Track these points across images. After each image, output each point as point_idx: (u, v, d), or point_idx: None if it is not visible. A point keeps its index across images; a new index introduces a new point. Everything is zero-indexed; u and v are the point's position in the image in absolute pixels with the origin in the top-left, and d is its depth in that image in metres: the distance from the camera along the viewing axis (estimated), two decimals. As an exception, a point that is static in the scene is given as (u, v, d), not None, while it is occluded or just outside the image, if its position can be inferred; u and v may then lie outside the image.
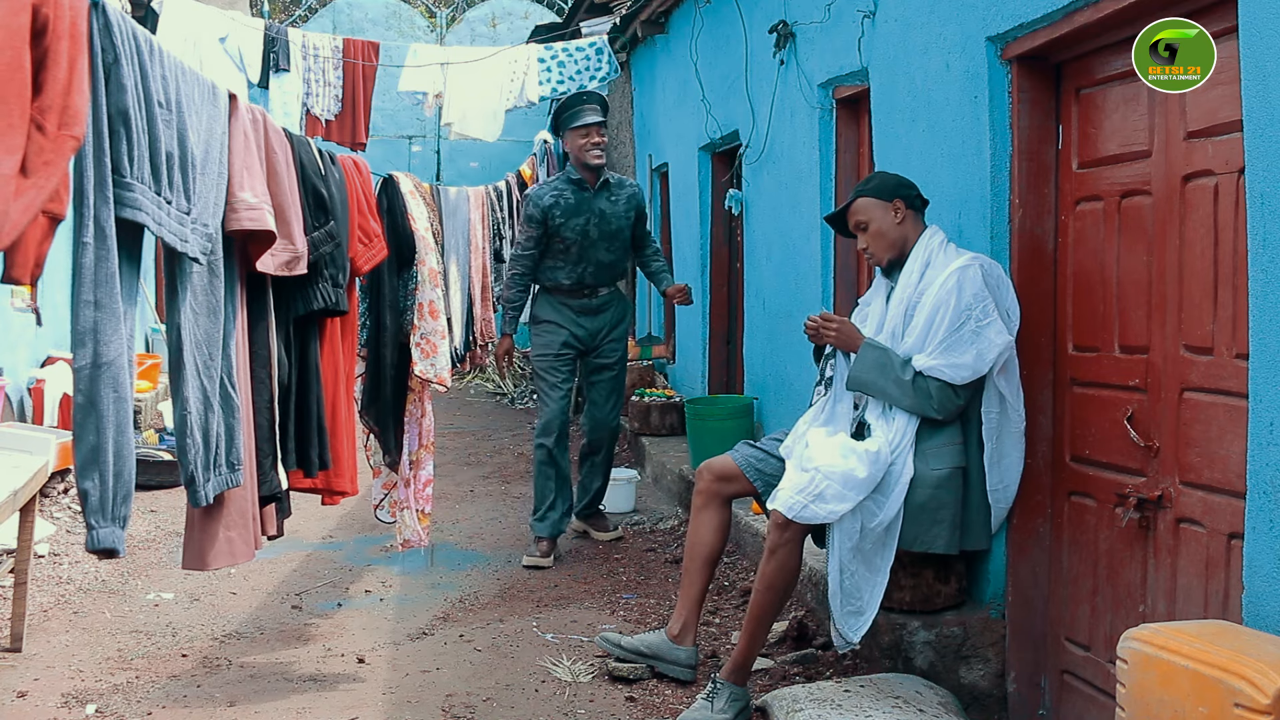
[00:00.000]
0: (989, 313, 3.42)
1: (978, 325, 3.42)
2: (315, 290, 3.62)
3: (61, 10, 2.16)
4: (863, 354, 3.62)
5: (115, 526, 2.50)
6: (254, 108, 3.30)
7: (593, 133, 5.56)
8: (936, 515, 3.49)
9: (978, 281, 3.44)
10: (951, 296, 3.45)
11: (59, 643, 4.34)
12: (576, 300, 5.69)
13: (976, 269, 3.46)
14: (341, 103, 9.25)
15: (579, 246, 5.60)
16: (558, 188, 5.62)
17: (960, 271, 3.46)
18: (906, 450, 3.50)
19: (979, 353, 3.42)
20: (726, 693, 3.58)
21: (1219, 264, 2.81)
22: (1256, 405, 2.51)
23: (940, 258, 3.59)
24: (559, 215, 5.55)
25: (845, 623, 3.50)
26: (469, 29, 13.75)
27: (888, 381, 3.54)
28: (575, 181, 5.62)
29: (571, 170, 5.66)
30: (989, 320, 3.42)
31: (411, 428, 4.61)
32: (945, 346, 3.45)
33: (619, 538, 5.88)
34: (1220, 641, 2.28)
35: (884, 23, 4.44)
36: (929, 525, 3.49)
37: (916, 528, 3.49)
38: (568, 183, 5.63)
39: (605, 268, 5.71)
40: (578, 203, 5.58)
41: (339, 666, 4.16)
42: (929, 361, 3.47)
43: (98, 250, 2.38)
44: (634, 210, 5.79)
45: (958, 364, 3.44)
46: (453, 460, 8.07)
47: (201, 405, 2.95)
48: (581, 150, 5.58)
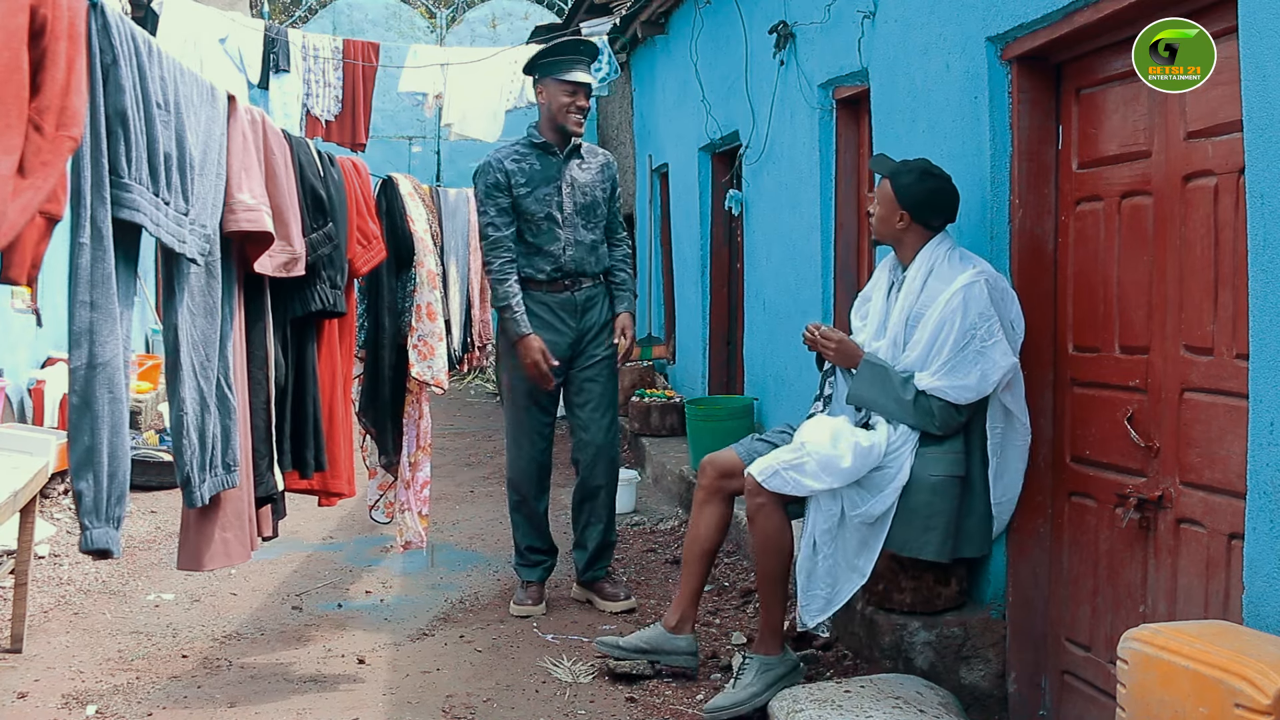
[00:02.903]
0: (994, 333, 3.39)
1: (982, 345, 3.40)
2: (313, 292, 3.61)
3: (60, 11, 2.16)
4: (862, 371, 3.62)
5: (110, 527, 2.50)
6: (253, 109, 3.30)
7: (580, 94, 4.66)
8: (930, 522, 3.48)
9: (983, 299, 3.40)
10: (956, 315, 3.42)
11: (59, 643, 4.33)
12: (556, 297, 4.69)
13: (982, 285, 3.42)
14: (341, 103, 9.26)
15: (551, 223, 4.65)
16: (519, 152, 4.68)
17: (965, 289, 3.42)
18: (907, 453, 3.49)
19: (983, 373, 3.40)
20: (755, 665, 3.64)
21: (1219, 264, 2.81)
22: (1257, 405, 2.50)
23: (945, 268, 3.54)
24: (523, 184, 4.62)
25: (807, 604, 3.55)
26: (469, 30, 13.75)
27: (888, 399, 3.54)
28: (539, 145, 4.69)
29: (534, 133, 4.72)
30: (994, 340, 3.39)
31: (410, 429, 4.60)
32: (949, 368, 3.43)
33: (632, 609, 4.75)
34: (1221, 642, 2.28)
35: (884, 23, 4.44)
36: (921, 530, 3.49)
37: (908, 531, 3.49)
38: (530, 147, 4.70)
39: (586, 250, 4.72)
40: (544, 169, 4.66)
41: (339, 667, 4.15)
42: (932, 382, 3.45)
43: (94, 251, 2.38)
44: (609, 183, 4.85)
45: (961, 385, 3.42)
46: (452, 461, 8.06)
47: (198, 406, 2.94)
48: (562, 111, 4.64)
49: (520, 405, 4.77)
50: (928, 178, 3.61)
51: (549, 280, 4.69)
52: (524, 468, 4.80)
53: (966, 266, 3.50)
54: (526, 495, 4.82)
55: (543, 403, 4.76)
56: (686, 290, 8.25)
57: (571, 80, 4.63)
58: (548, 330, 4.66)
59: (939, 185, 3.61)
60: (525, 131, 4.79)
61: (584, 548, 4.87)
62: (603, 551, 4.88)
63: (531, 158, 4.68)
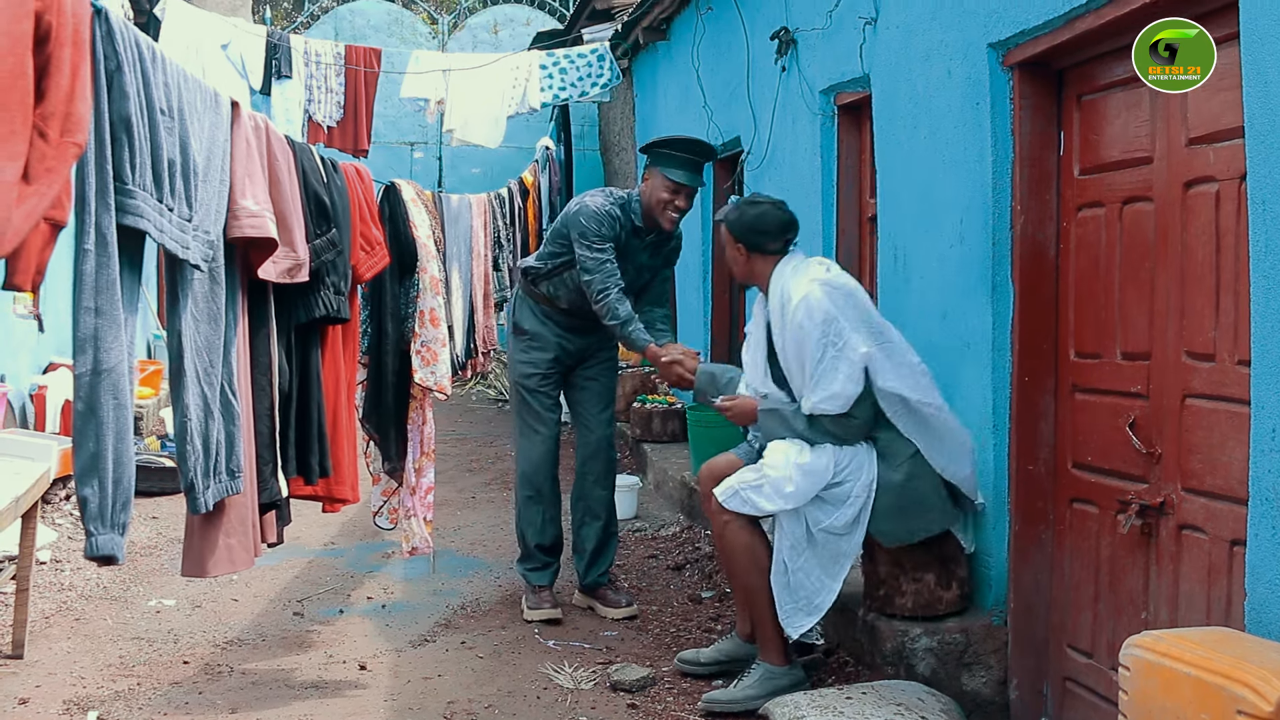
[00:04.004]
0: (841, 334, 3.54)
1: (836, 351, 3.54)
2: (317, 298, 3.62)
3: (64, 18, 2.17)
4: (762, 422, 3.81)
5: (115, 533, 2.50)
6: (256, 115, 3.30)
7: (681, 194, 4.65)
8: (923, 503, 3.60)
9: (822, 306, 3.55)
10: (803, 334, 3.58)
11: (60, 649, 4.33)
12: (566, 319, 4.83)
13: (818, 292, 3.57)
14: (344, 109, 9.27)
15: None
16: (620, 220, 4.66)
17: (804, 304, 3.59)
18: (863, 463, 3.61)
19: (846, 375, 3.54)
20: (760, 672, 3.72)
21: (1220, 270, 2.81)
22: (1258, 411, 2.51)
23: (791, 287, 3.68)
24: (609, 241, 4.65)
25: (790, 619, 3.64)
26: (471, 35, 13.76)
27: (792, 433, 3.68)
28: (634, 225, 4.71)
29: (636, 208, 4.72)
30: (843, 342, 3.54)
31: (413, 435, 4.60)
32: (816, 382, 3.58)
33: (633, 616, 4.75)
34: (1223, 648, 2.28)
35: (885, 30, 4.44)
36: (918, 515, 3.61)
37: (907, 522, 3.61)
38: (629, 219, 4.69)
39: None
40: (625, 243, 4.69)
41: (341, 673, 4.15)
42: (811, 401, 3.60)
43: (99, 257, 2.38)
44: (665, 258, 4.94)
45: (833, 395, 3.56)
46: (455, 467, 8.06)
47: (202, 412, 2.95)
48: (660, 206, 4.64)
49: (528, 394, 4.84)
50: (749, 206, 3.85)
51: (566, 310, 4.81)
52: (537, 457, 4.81)
53: (801, 278, 3.65)
54: (540, 488, 4.82)
55: (550, 393, 4.86)
56: (688, 296, 8.25)
57: (677, 181, 4.63)
58: (561, 338, 4.83)
59: (760, 210, 3.81)
60: (633, 195, 4.76)
61: (582, 551, 4.89)
62: (602, 550, 4.89)
63: (624, 234, 4.67)
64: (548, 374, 4.84)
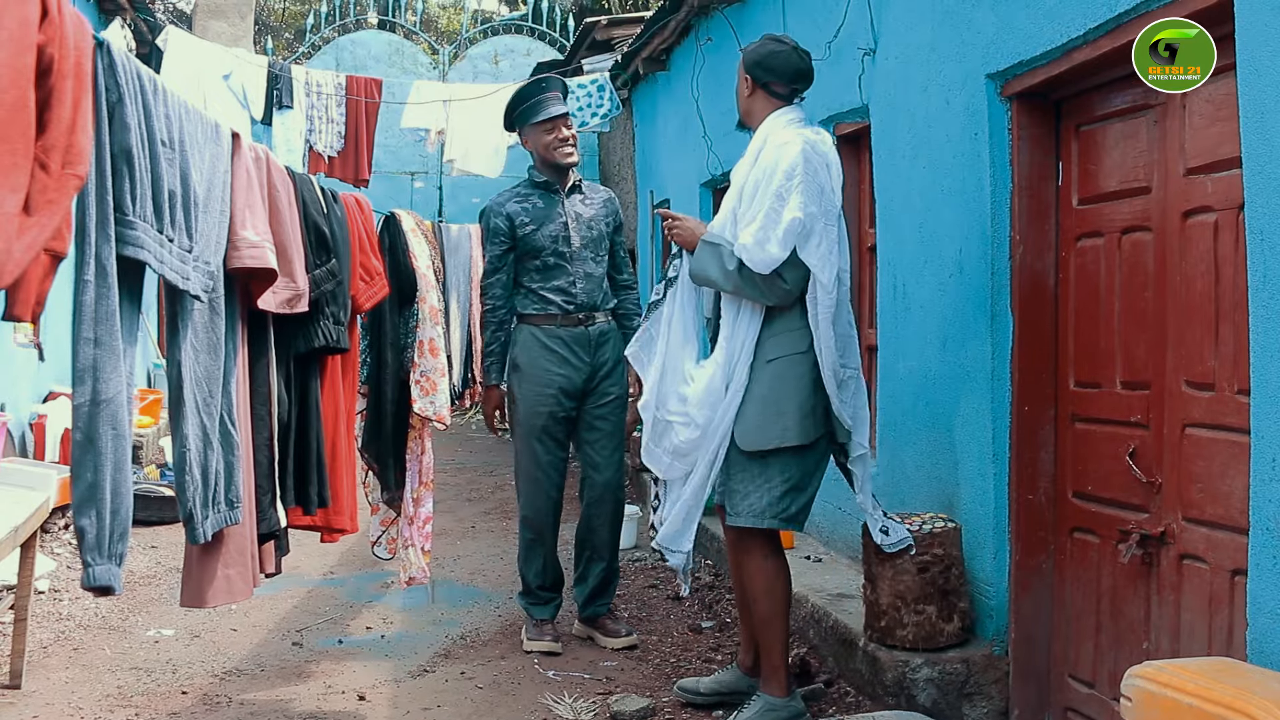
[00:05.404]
0: (792, 189, 3.34)
1: (780, 205, 3.35)
2: (316, 328, 3.62)
3: (66, 50, 2.18)
4: (699, 253, 3.59)
5: (112, 564, 2.49)
6: (256, 146, 3.31)
7: (560, 125, 4.67)
8: (780, 406, 3.45)
9: (792, 158, 3.36)
10: (766, 176, 3.40)
11: (58, 679, 4.31)
12: (571, 331, 4.65)
13: (797, 145, 3.39)
14: (344, 139, 9.32)
15: (560, 259, 4.64)
16: (521, 192, 4.72)
17: (781, 149, 3.41)
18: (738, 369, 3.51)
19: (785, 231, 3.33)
20: (759, 704, 3.63)
21: (1219, 300, 2.81)
22: (1258, 441, 2.50)
23: (776, 133, 3.52)
24: (528, 223, 4.63)
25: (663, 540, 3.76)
26: (471, 66, 13.84)
27: (718, 272, 3.49)
28: (540, 185, 4.73)
29: (534, 173, 4.76)
30: (790, 198, 3.33)
31: (412, 465, 4.60)
32: (757, 229, 3.38)
33: (633, 646, 4.68)
34: (1224, 679, 2.26)
35: (884, 60, 4.47)
36: (773, 418, 3.46)
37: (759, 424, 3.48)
38: (532, 187, 4.74)
39: (596, 283, 4.73)
40: (547, 206, 4.67)
41: (340, 704, 4.13)
42: (742, 240, 3.42)
43: (98, 288, 2.39)
44: (613, 217, 4.87)
45: (761, 243, 3.35)
46: (454, 496, 8.05)
47: (201, 442, 2.94)
48: (549, 148, 4.67)
49: (535, 441, 4.67)
50: (772, 42, 3.66)
51: (563, 314, 4.65)
52: (541, 505, 4.71)
53: (790, 130, 3.49)
54: (543, 533, 4.73)
55: (558, 437, 4.70)
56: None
57: (548, 117, 4.66)
58: (563, 365, 4.63)
59: (778, 49, 3.62)
60: (526, 172, 4.82)
61: (585, 583, 4.80)
62: (604, 588, 4.81)
63: (534, 197, 4.70)
64: (554, 414, 4.65)
